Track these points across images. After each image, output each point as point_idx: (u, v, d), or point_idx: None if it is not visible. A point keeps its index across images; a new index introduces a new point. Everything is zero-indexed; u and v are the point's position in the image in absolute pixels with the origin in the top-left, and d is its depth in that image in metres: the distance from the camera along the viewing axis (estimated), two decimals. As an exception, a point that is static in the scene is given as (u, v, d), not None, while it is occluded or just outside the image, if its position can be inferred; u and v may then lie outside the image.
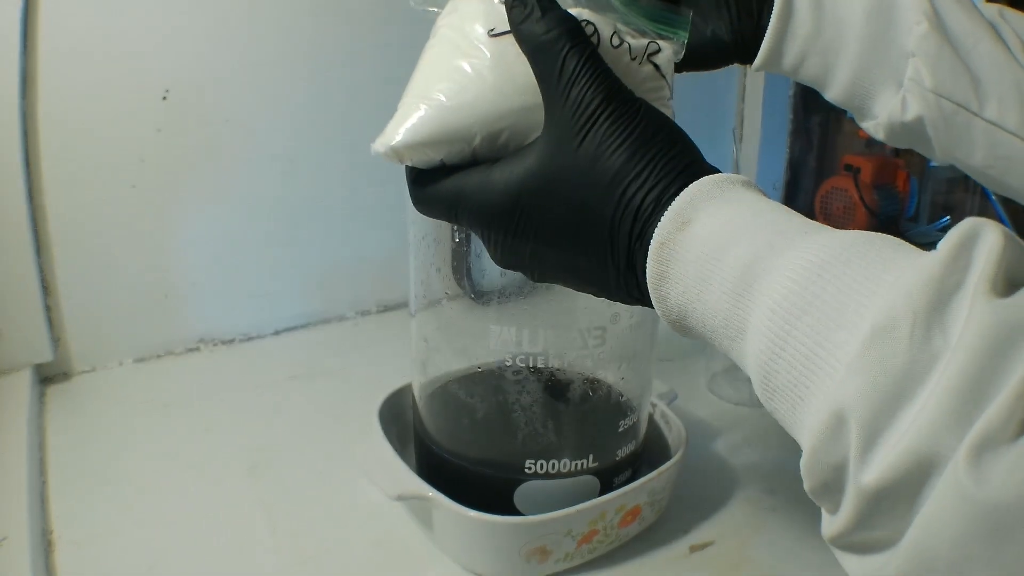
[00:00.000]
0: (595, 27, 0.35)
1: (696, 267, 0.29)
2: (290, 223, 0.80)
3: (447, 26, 0.37)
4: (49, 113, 0.65)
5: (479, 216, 0.35)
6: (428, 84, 0.36)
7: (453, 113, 0.35)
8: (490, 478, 0.50)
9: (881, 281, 0.24)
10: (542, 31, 0.33)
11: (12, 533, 0.48)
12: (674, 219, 0.30)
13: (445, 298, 0.52)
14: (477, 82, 0.35)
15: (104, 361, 0.74)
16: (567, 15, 0.34)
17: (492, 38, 0.35)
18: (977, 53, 0.44)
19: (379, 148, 0.37)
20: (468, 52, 0.36)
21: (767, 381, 0.26)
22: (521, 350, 0.49)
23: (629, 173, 0.31)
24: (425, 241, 0.51)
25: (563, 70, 0.32)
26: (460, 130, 0.35)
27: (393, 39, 0.81)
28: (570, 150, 0.32)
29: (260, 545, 0.52)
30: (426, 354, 0.54)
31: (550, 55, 0.33)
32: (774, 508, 0.56)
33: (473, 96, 0.35)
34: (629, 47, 0.36)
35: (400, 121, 0.36)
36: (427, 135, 0.35)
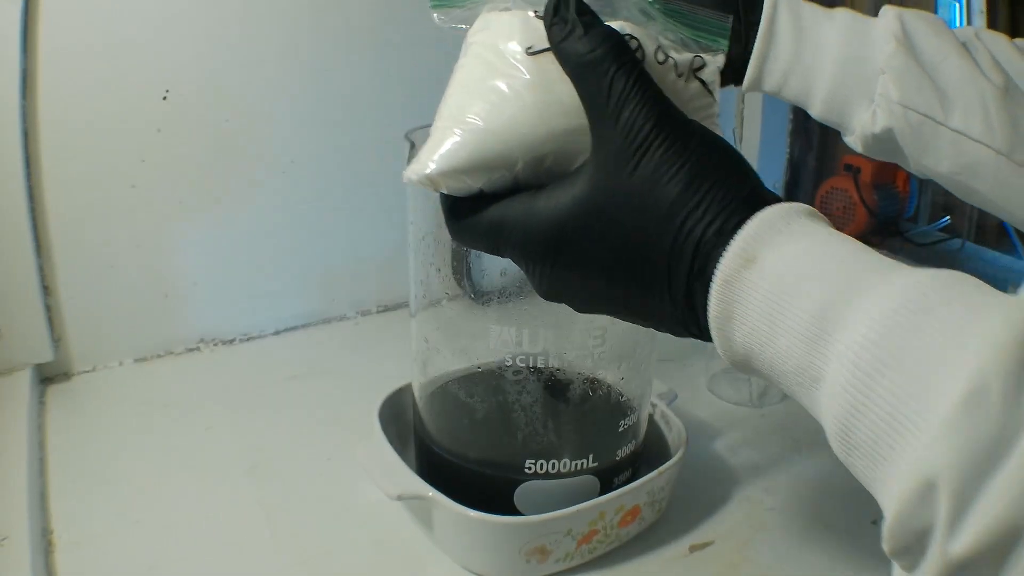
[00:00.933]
0: (639, 42, 0.33)
1: (764, 308, 0.27)
2: (290, 223, 0.80)
3: (480, 43, 0.35)
4: (49, 113, 0.65)
5: (524, 249, 0.33)
6: (462, 106, 0.34)
7: (491, 137, 0.33)
8: (490, 478, 0.50)
9: (968, 334, 0.22)
10: (586, 50, 0.31)
11: (12, 533, 0.48)
12: (739, 255, 0.28)
13: (445, 298, 0.52)
14: (516, 103, 0.33)
15: (104, 361, 0.74)
16: (611, 31, 0.32)
17: (530, 56, 0.33)
18: (944, 68, 0.47)
19: (412, 176, 0.34)
20: (504, 71, 0.33)
21: (845, 437, 0.25)
22: (521, 350, 0.49)
23: (688, 203, 0.29)
24: (425, 241, 0.51)
25: (611, 92, 0.30)
26: (500, 156, 0.33)
27: (394, 39, 0.81)
28: (622, 178, 0.30)
29: (260, 545, 0.52)
30: (426, 354, 0.54)
31: (596, 75, 0.31)
32: (774, 508, 0.56)
33: (513, 119, 0.32)
34: (675, 63, 0.34)
35: (434, 147, 0.33)
36: (464, 162, 0.33)
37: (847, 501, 0.56)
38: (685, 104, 0.34)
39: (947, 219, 1.08)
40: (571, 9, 0.32)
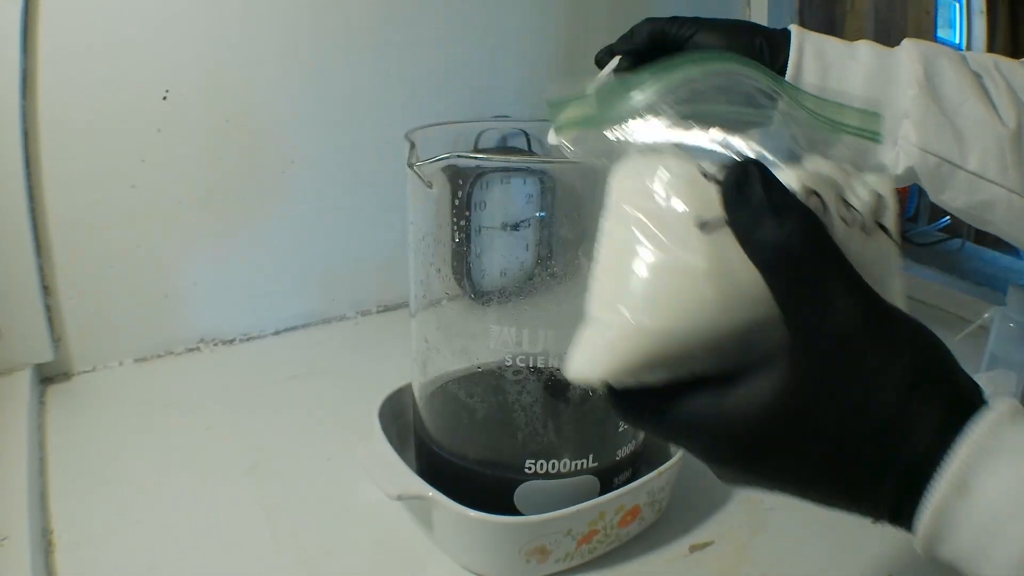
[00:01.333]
0: (821, 200, 0.29)
1: (973, 538, 0.26)
2: (290, 223, 0.80)
3: (636, 207, 0.30)
4: (49, 113, 0.65)
5: (712, 452, 0.29)
6: (625, 294, 0.29)
7: (666, 338, 0.28)
8: (490, 478, 0.50)
9: None
10: (778, 240, 0.26)
11: (12, 533, 0.48)
12: (953, 483, 0.26)
13: (445, 298, 0.52)
14: (694, 298, 0.28)
15: (104, 361, 0.74)
16: (804, 210, 0.27)
17: (705, 233, 0.28)
18: (963, 110, 0.50)
19: (576, 378, 0.30)
20: (673, 253, 0.28)
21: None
22: (521, 350, 0.49)
23: (899, 419, 0.27)
24: (425, 241, 0.51)
25: (810, 286, 0.26)
26: (676, 356, 0.29)
27: (394, 39, 0.81)
28: (826, 387, 0.27)
29: (260, 545, 0.52)
30: (426, 354, 0.54)
31: (790, 267, 0.26)
32: (774, 508, 0.56)
33: (691, 316, 0.28)
34: (861, 220, 0.30)
35: (597, 346, 0.29)
36: (634, 365, 0.29)
37: (847, 501, 0.56)
38: (871, 266, 0.29)
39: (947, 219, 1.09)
40: (757, 186, 0.27)
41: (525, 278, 0.50)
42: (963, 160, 0.50)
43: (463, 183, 0.52)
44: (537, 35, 0.91)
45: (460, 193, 0.50)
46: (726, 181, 0.28)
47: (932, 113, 0.50)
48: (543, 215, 0.51)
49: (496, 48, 0.88)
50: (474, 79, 0.88)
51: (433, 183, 0.48)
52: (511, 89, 0.91)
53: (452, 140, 0.56)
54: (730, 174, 0.28)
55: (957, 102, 0.50)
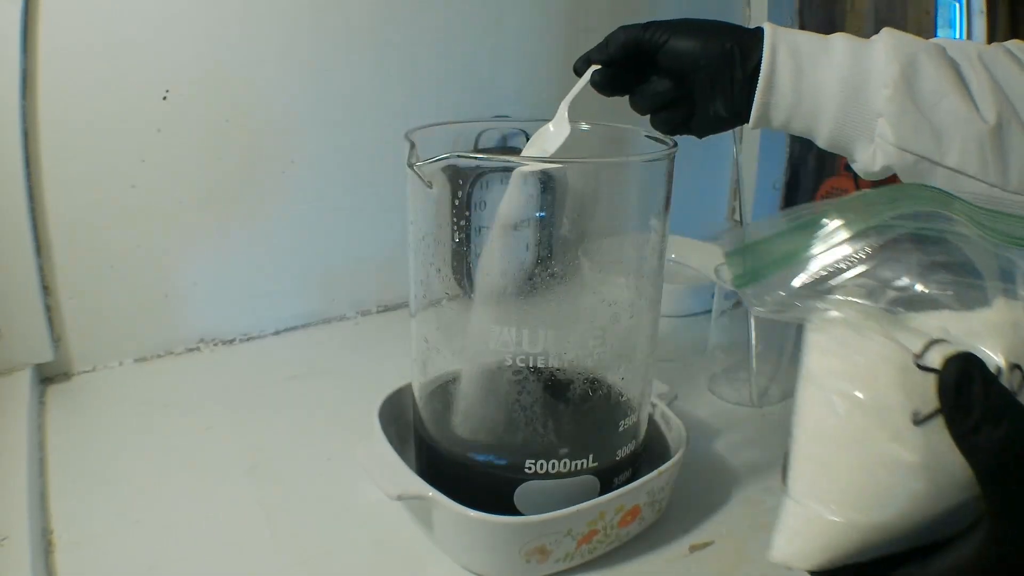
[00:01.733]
0: (1022, 371, 0.28)
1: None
2: (290, 223, 0.80)
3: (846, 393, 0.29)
4: (49, 113, 0.65)
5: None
6: (834, 486, 0.29)
7: (879, 532, 0.29)
8: (490, 478, 0.50)
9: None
10: (994, 446, 0.26)
11: (12, 533, 0.48)
12: None
13: (445, 298, 0.52)
14: (905, 491, 0.28)
15: (104, 361, 0.74)
16: (1017, 412, 0.27)
17: (917, 426, 0.28)
18: (942, 106, 0.49)
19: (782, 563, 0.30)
20: (885, 445, 0.28)
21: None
22: (521, 350, 0.49)
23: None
24: (425, 241, 0.51)
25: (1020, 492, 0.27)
26: (884, 545, 0.29)
27: (394, 39, 0.81)
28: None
29: (260, 545, 0.52)
30: (426, 354, 0.54)
31: (1010, 477, 0.27)
32: (774, 508, 0.56)
33: (902, 510, 0.28)
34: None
35: (806, 537, 0.30)
36: (844, 557, 0.29)
37: (847, 501, 0.56)
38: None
39: (947, 219, 1.08)
40: (978, 388, 0.27)
41: (525, 278, 0.50)
42: (942, 157, 0.49)
43: (463, 183, 0.52)
44: (537, 35, 0.91)
45: (460, 193, 0.50)
46: (945, 379, 0.27)
47: (908, 112, 0.49)
48: (543, 215, 0.51)
49: (496, 48, 0.88)
50: (474, 79, 0.88)
51: (433, 183, 0.48)
52: (511, 89, 0.91)
53: (452, 140, 0.56)
54: (950, 371, 0.27)
55: (934, 99, 0.49)
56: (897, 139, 0.50)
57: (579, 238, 0.49)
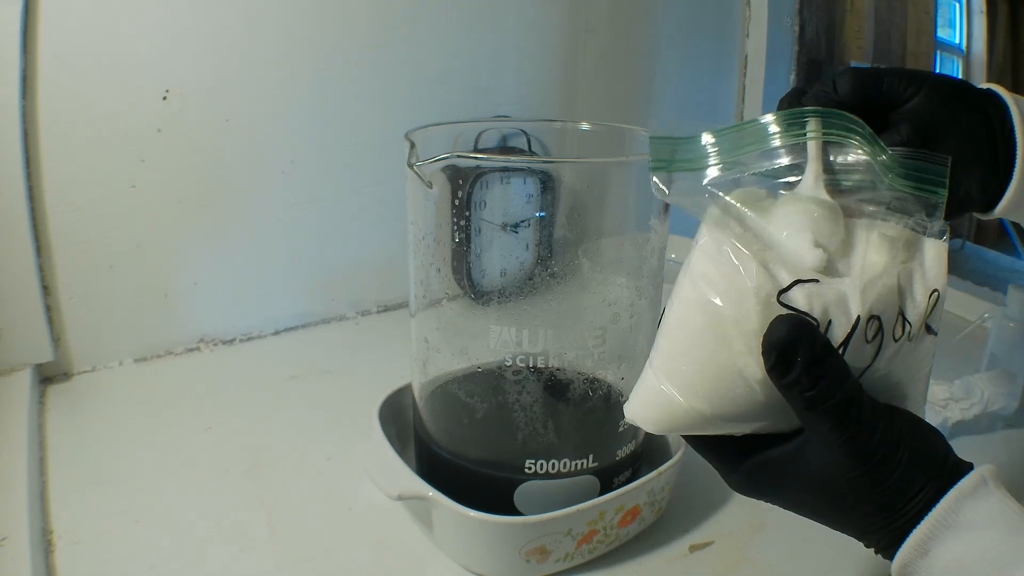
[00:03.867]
0: (880, 323, 0.33)
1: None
2: (290, 223, 0.80)
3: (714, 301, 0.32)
4: (49, 113, 0.65)
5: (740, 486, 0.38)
6: (690, 376, 0.33)
7: (716, 421, 0.33)
8: (490, 478, 0.50)
9: None
10: (812, 404, 0.32)
11: (12, 533, 0.48)
12: (915, 549, 0.33)
13: (445, 298, 0.52)
14: (747, 397, 0.33)
15: (104, 361, 0.74)
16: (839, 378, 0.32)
17: None
18: None
19: (632, 420, 0.35)
20: (738, 355, 0.32)
21: None
22: (521, 350, 0.49)
23: (893, 506, 0.33)
24: (425, 241, 0.51)
25: (835, 434, 0.32)
26: (722, 430, 0.35)
27: (394, 40, 0.81)
28: (839, 480, 0.33)
29: (260, 545, 0.52)
30: (426, 354, 0.54)
31: (819, 419, 0.32)
32: (774, 508, 0.56)
33: (740, 410, 0.33)
34: (911, 333, 0.34)
35: (655, 407, 0.34)
36: (685, 430, 0.35)
37: (847, 501, 0.56)
38: (909, 366, 0.35)
39: (947, 219, 1.08)
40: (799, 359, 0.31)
41: (525, 278, 0.50)
42: None
43: (463, 183, 0.52)
44: (537, 35, 0.91)
45: (460, 193, 0.50)
46: (768, 338, 0.31)
47: None
48: (543, 215, 0.51)
49: (496, 48, 0.88)
50: (474, 79, 0.88)
51: (433, 183, 0.48)
52: (511, 89, 0.91)
53: (452, 140, 0.56)
54: (773, 333, 0.31)
55: None
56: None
57: (579, 238, 0.49)
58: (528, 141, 0.73)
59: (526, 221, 0.53)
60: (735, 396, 0.33)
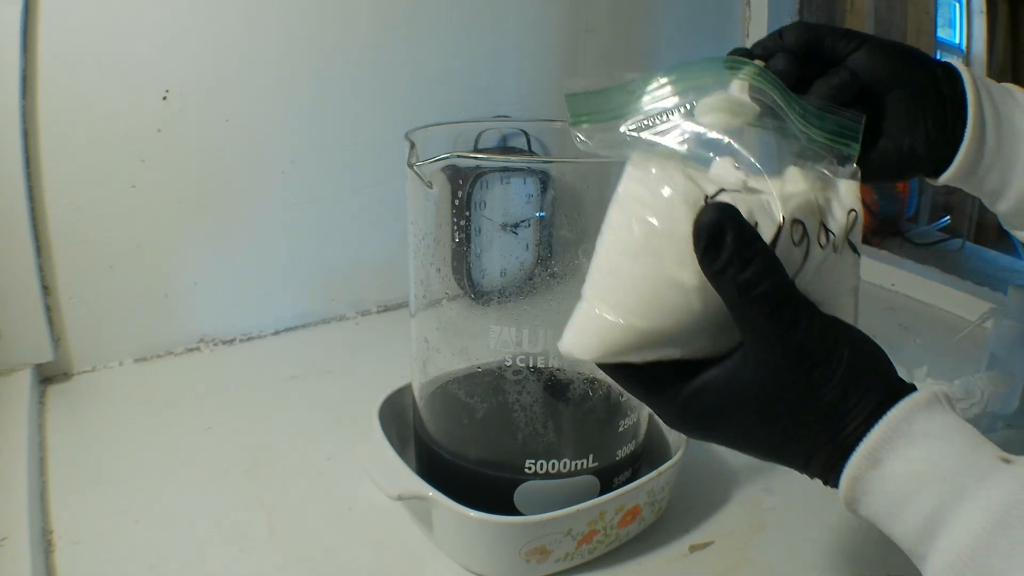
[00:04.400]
0: (804, 228, 0.33)
1: (885, 504, 0.32)
2: (290, 223, 0.80)
3: (645, 218, 0.33)
4: (49, 113, 0.65)
5: (676, 418, 0.36)
6: (622, 292, 0.33)
7: (654, 337, 0.33)
8: (490, 478, 0.50)
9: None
10: (744, 289, 0.31)
11: (12, 533, 0.48)
12: (866, 458, 0.32)
13: (445, 298, 0.52)
14: (683, 307, 0.32)
15: (104, 361, 0.74)
16: (768, 263, 0.31)
17: None
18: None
19: (565, 353, 0.35)
20: (670, 266, 0.32)
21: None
22: (521, 350, 0.49)
23: (834, 416, 0.32)
24: (425, 241, 0.51)
25: (770, 327, 0.32)
26: (660, 350, 0.34)
27: (394, 38, 0.81)
28: (778, 388, 0.33)
29: (260, 545, 0.52)
30: (426, 354, 0.54)
31: (753, 311, 0.32)
32: (774, 508, 0.56)
33: (678, 321, 0.33)
34: (835, 243, 0.34)
35: (590, 332, 0.34)
36: (622, 353, 0.34)
37: (847, 501, 0.56)
38: (838, 279, 0.35)
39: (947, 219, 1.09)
40: (728, 241, 0.31)
41: (525, 278, 0.50)
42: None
43: (463, 183, 0.52)
44: (537, 35, 0.91)
45: (460, 193, 0.50)
46: (698, 224, 0.31)
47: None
48: (543, 215, 0.51)
49: (496, 48, 0.88)
50: (474, 79, 0.88)
51: (433, 183, 0.48)
52: (511, 89, 0.91)
53: (452, 140, 0.56)
54: (703, 218, 0.31)
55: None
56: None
57: (579, 238, 0.49)
58: (528, 141, 0.73)
59: (526, 221, 0.53)
60: (671, 308, 0.32)
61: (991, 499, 0.30)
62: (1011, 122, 0.45)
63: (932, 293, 0.92)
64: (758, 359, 0.33)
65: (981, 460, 0.31)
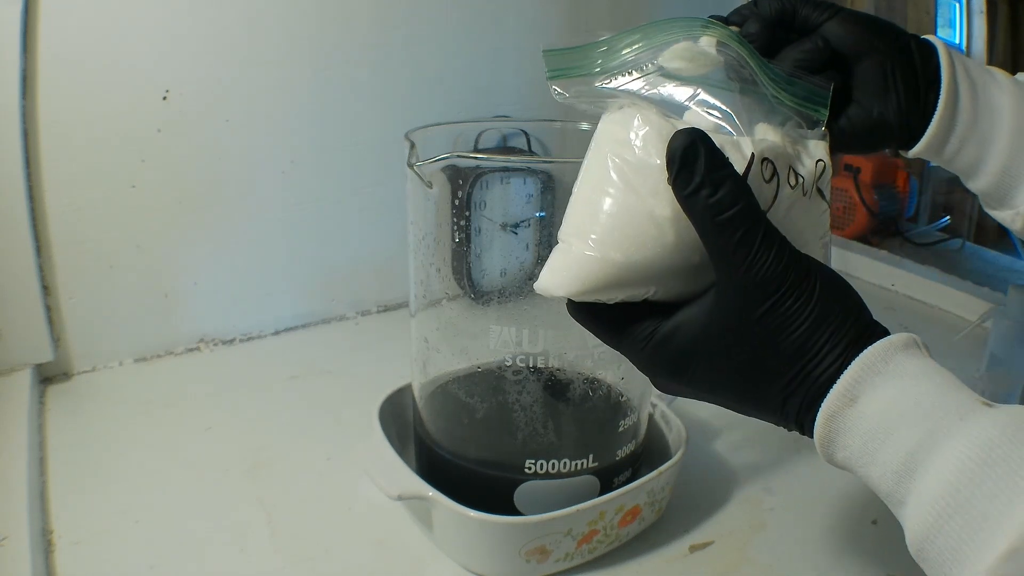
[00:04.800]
0: (774, 166, 0.33)
1: (861, 443, 0.31)
2: (290, 223, 0.80)
3: (620, 155, 0.34)
4: (49, 113, 0.65)
5: (650, 362, 0.35)
6: (597, 227, 0.33)
7: (628, 270, 0.33)
8: (490, 478, 0.50)
9: (1020, 490, 0.27)
10: (716, 212, 0.31)
11: (12, 533, 0.48)
12: (842, 395, 0.31)
13: (445, 298, 0.52)
14: (658, 242, 0.33)
15: (104, 361, 0.74)
16: (740, 187, 0.32)
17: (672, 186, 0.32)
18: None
19: (542, 291, 0.35)
20: (644, 198, 0.33)
21: (919, 554, 0.30)
22: (521, 350, 0.49)
23: (808, 351, 0.32)
24: (425, 241, 0.51)
25: (740, 251, 0.31)
26: (635, 286, 0.34)
27: (394, 38, 0.81)
28: (750, 321, 0.32)
29: (260, 545, 0.52)
30: (426, 354, 0.54)
31: (724, 235, 0.31)
32: (774, 508, 0.56)
33: (652, 254, 0.33)
34: (804, 186, 0.35)
35: (566, 268, 0.34)
36: (596, 289, 0.34)
37: (847, 501, 0.56)
38: (808, 224, 0.36)
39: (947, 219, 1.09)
40: (701, 163, 0.31)
41: (525, 278, 0.50)
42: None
43: (463, 183, 0.52)
44: (537, 35, 0.91)
45: (460, 193, 0.50)
46: (672, 145, 0.32)
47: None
48: (543, 215, 0.51)
49: (496, 48, 0.88)
50: (474, 79, 0.88)
51: (433, 183, 0.48)
52: (511, 89, 0.91)
53: (452, 140, 0.56)
54: (677, 140, 0.32)
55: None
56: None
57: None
58: (528, 141, 0.73)
59: (526, 221, 0.53)
60: (646, 240, 0.33)
61: (972, 437, 0.29)
62: (988, 98, 0.45)
63: (932, 293, 0.92)
64: (730, 291, 0.32)
65: (962, 401, 0.31)
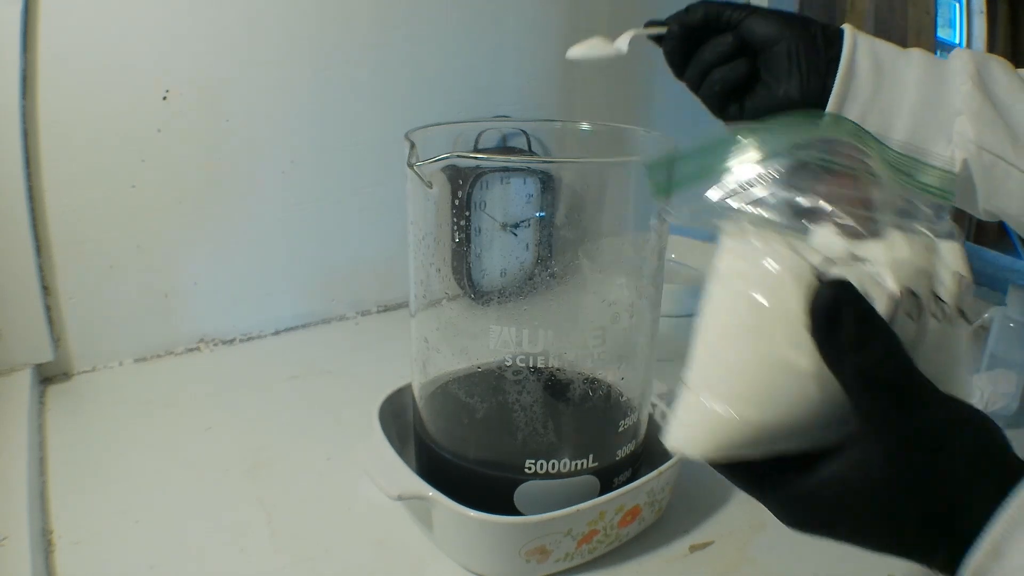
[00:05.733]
0: (919, 302, 0.30)
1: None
2: (290, 223, 0.80)
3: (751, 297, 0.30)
4: (49, 113, 0.65)
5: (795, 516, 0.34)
6: (731, 382, 0.31)
7: (768, 430, 0.30)
8: (490, 478, 0.50)
9: None
10: (867, 375, 0.29)
11: (12, 533, 0.48)
12: (987, 550, 0.30)
13: (445, 298, 0.52)
14: (799, 395, 0.30)
15: (104, 361, 0.74)
16: (890, 343, 0.29)
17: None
18: (1016, 109, 0.49)
19: (675, 450, 0.33)
20: (783, 349, 0.30)
21: None
22: (521, 350, 0.49)
23: (959, 501, 0.30)
24: (425, 241, 0.51)
25: (893, 414, 0.29)
26: (775, 443, 0.31)
27: (394, 38, 0.81)
28: (903, 479, 0.30)
29: (260, 545, 0.52)
30: (426, 354, 0.54)
31: (877, 399, 0.29)
32: (774, 508, 0.56)
33: (793, 411, 0.30)
34: (948, 313, 0.32)
35: (699, 427, 0.31)
36: (736, 448, 0.31)
37: (847, 501, 0.56)
38: (952, 357, 0.33)
39: (947, 219, 1.08)
40: (849, 321, 0.29)
41: (525, 278, 0.50)
42: (1016, 158, 0.49)
43: (463, 183, 0.52)
44: (537, 35, 0.91)
45: (460, 193, 0.50)
46: (816, 304, 0.29)
47: (986, 108, 0.49)
48: (543, 215, 0.51)
49: (496, 48, 0.88)
50: (474, 79, 0.88)
51: (433, 183, 0.48)
52: (511, 89, 0.91)
53: (452, 140, 0.56)
54: (821, 297, 0.29)
55: (1009, 102, 0.50)
56: (976, 136, 0.49)
57: (579, 238, 0.49)
58: (528, 141, 0.73)
59: (526, 221, 0.53)
60: (787, 396, 0.30)
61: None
62: (895, 74, 0.51)
63: (932, 293, 0.92)
64: (880, 448, 0.30)
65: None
